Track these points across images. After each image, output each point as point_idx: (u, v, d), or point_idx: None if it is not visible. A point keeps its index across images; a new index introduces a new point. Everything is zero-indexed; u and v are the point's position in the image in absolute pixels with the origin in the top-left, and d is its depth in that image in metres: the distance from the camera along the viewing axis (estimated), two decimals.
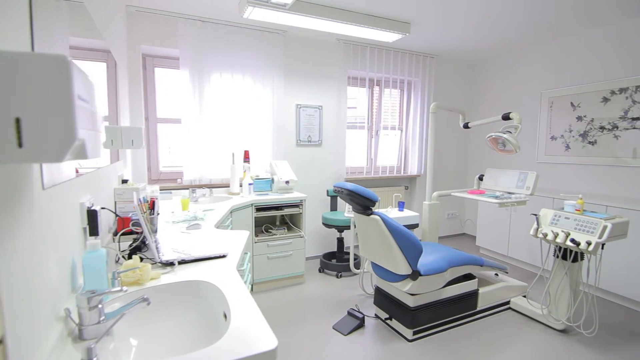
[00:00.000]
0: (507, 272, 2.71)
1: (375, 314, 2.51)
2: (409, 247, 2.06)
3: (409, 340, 2.18)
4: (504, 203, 2.48)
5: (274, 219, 3.25)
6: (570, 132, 3.37)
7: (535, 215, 2.34)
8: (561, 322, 2.27)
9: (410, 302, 2.16)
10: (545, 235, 2.23)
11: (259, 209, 2.83)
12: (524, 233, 3.40)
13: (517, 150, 2.47)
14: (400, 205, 3.09)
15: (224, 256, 1.35)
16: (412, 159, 4.15)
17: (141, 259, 1.25)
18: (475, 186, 3.03)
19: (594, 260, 2.68)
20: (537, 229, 2.29)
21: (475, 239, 4.11)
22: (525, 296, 2.64)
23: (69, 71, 0.48)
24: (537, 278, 2.88)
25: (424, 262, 2.17)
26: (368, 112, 3.91)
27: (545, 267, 3.12)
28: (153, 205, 1.52)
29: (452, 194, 2.94)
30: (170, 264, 1.26)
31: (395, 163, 4.15)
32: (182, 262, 1.28)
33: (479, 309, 2.46)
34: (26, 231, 0.67)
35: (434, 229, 2.97)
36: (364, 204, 2.16)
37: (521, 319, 2.46)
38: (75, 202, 1.06)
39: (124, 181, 1.93)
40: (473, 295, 2.41)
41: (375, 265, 2.35)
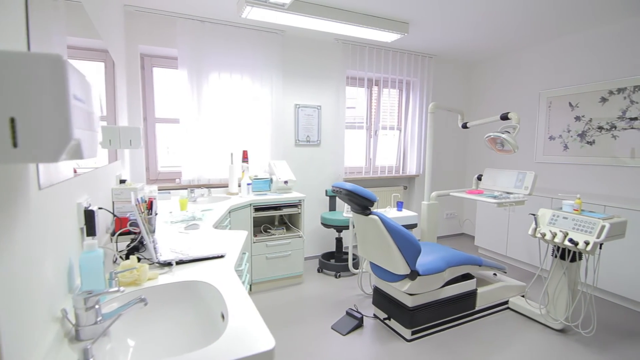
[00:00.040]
0: (506, 272, 2.72)
1: (373, 314, 2.51)
2: (407, 247, 2.06)
3: (408, 340, 2.18)
4: (503, 203, 2.48)
5: (272, 219, 3.24)
6: (569, 132, 3.37)
7: (534, 215, 2.34)
8: (559, 322, 2.27)
9: (408, 302, 2.16)
10: (543, 235, 2.23)
11: (257, 209, 2.83)
12: (523, 233, 3.40)
13: (516, 150, 2.48)
14: (399, 205, 3.09)
15: (222, 256, 1.35)
16: (411, 159, 4.15)
17: (139, 259, 1.25)
18: (473, 186, 3.04)
19: (592, 260, 2.69)
20: (536, 229, 2.30)
21: (474, 238, 4.12)
22: (523, 296, 2.64)
23: (64, 71, 0.47)
24: (536, 278, 2.88)
25: (423, 262, 2.17)
26: (367, 112, 3.91)
27: (543, 267, 3.13)
28: (151, 205, 1.52)
29: (451, 194, 2.95)
30: (168, 264, 1.25)
31: (394, 163, 4.15)
32: (180, 263, 1.28)
33: (477, 308, 2.46)
34: (22, 231, 0.67)
35: (433, 228, 2.97)
36: (362, 204, 2.16)
37: (519, 319, 2.47)
38: (73, 202, 1.06)
39: (122, 181, 1.93)
40: (471, 295, 2.42)
41: (373, 265, 2.35)
